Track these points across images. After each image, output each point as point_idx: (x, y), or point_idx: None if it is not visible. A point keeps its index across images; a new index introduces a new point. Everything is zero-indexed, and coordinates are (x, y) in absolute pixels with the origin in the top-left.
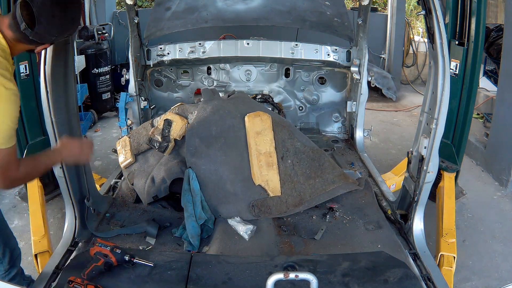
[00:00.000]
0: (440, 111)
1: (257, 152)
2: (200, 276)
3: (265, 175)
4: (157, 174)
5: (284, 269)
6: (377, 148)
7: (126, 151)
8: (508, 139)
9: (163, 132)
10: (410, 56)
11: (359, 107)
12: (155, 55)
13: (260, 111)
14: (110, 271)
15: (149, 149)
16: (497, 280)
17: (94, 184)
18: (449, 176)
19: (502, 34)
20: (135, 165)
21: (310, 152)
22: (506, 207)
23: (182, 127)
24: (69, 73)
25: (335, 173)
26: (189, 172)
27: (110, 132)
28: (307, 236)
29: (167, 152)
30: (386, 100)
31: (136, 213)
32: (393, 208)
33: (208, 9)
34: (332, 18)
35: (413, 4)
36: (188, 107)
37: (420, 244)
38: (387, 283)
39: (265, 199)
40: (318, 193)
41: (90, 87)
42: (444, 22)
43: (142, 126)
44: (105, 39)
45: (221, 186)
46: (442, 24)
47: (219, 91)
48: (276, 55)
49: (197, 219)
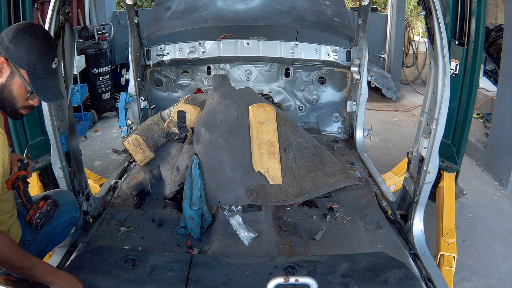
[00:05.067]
0: (440, 111)
1: (258, 141)
2: (200, 277)
3: (265, 163)
4: (181, 163)
5: (284, 270)
6: (377, 148)
7: (142, 149)
8: (508, 139)
9: (179, 124)
10: (410, 56)
11: (359, 107)
12: (155, 55)
13: (264, 103)
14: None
15: (166, 142)
16: (497, 280)
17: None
18: (449, 176)
19: (502, 34)
20: (156, 159)
21: (312, 148)
22: (506, 207)
23: (196, 115)
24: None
25: (336, 167)
26: (193, 158)
27: (110, 132)
28: (307, 236)
29: (187, 141)
30: (386, 100)
31: (136, 213)
32: (393, 208)
33: (208, 9)
34: (332, 18)
35: (413, 4)
36: (197, 95)
37: (420, 244)
38: (387, 284)
39: (264, 185)
40: (319, 185)
41: (90, 87)
42: (444, 22)
43: (150, 122)
44: (105, 39)
45: (221, 171)
46: (442, 25)
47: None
48: (276, 55)
49: (191, 204)
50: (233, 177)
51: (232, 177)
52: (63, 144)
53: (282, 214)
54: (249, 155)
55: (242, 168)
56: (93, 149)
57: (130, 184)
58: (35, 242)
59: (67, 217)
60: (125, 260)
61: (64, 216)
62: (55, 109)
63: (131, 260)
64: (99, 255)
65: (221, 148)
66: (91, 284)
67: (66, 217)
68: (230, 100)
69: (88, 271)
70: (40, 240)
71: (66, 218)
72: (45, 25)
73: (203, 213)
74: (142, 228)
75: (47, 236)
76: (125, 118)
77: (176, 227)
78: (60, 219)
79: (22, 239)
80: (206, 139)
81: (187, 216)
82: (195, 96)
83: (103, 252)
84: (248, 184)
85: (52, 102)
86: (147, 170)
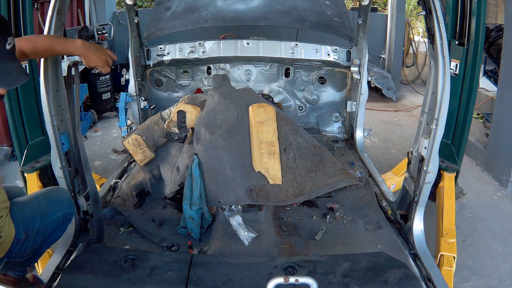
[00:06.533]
0: (440, 111)
1: (258, 141)
2: (200, 277)
3: (265, 163)
4: (181, 163)
5: (284, 270)
6: (377, 148)
7: (142, 149)
8: (508, 139)
9: (179, 124)
10: (410, 56)
11: (359, 107)
12: (155, 55)
13: (264, 103)
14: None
15: (166, 142)
16: (497, 280)
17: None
18: (449, 176)
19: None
20: (156, 159)
21: (312, 148)
22: (506, 207)
23: (196, 115)
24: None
25: (336, 167)
26: (193, 158)
27: (110, 132)
28: (307, 236)
29: (187, 141)
30: (386, 100)
31: (136, 213)
32: (393, 208)
33: (208, 9)
34: (332, 18)
35: (413, 4)
36: (197, 95)
37: (420, 245)
38: (387, 284)
39: (264, 185)
40: (319, 185)
41: (90, 87)
42: (444, 22)
43: (150, 122)
44: (105, 39)
45: (221, 171)
46: (442, 25)
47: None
48: (276, 55)
49: (191, 204)
50: (233, 177)
51: (232, 177)
52: (63, 144)
53: (282, 214)
54: (249, 155)
55: (242, 168)
56: (93, 149)
57: (130, 184)
58: (29, 240)
59: (61, 214)
60: (125, 260)
61: (57, 212)
62: (55, 109)
63: (131, 260)
64: (99, 255)
65: (221, 148)
66: (91, 284)
67: (60, 213)
68: (230, 100)
69: (88, 271)
70: (33, 238)
71: (60, 214)
72: (45, 25)
73: (203, 213)
74: (142, 228)
75: (41, 233)
76: (125, 118)
77: (176, 227)
78: (53, 216)
79: (16, 238)
80: (206, 139)
81: (187, 216)
82: (195, 96)
83: (103, 252)
84: (248, 184)
85: (16, 86)
86: (147, 170)
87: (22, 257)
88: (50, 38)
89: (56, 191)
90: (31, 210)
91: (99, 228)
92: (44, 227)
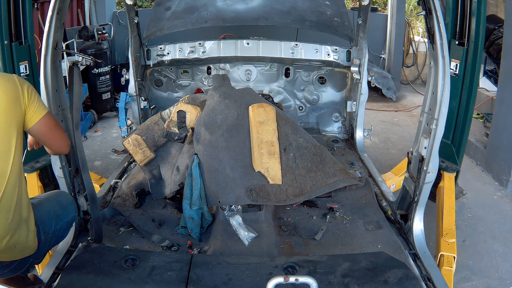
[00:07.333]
0: (440, 111)
1: (258, 141)
2: (200, 277)
3: (265, 163)
4: (181, 163)
5: (284, 270)
6: (377, 148)
7: (142, 149)
8: (508, 139)
9: (179, 124)
10: (410, 56)
11: (359, 107)
12: (155, 55)
13: (264, 103)
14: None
15: (166, 142)
16: (497, 280)
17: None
18: (449, 176)
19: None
20: (156, 159)
21: (312, 148)
22: (506, 207)
23: (196, 115)
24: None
25: (336, 167)
26: (193, 158)
27: (110, 132)
28: (307, 236)
29: (187, 141)
30: (386, 100)
31: (136, 213)
32: (393, 208)
33: (208, 9)
34: (332, 18)
35: (413, 4)
36: (197, 95)
37: (420, 244)
38: (387, 284)
39: (264, 185)
40: (319, 185)
41: (90, 87)
42: (444, 22)
43: (150, 122)
44: (105, 39)
45: (221, 171)
46: (442, 25)
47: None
48: (276, 55)
49: (191, 204)
50: (233, 177)
51: (232, 177)
52: None
53: (282, 214)
54: (249, 155)
55: (242, 168)
56: (93, 149)
57: (130, 184)
58: (47, 241)
59: (70, 217)
60: (125, 260)
61: (67, 216)
62: (55, 109)
63: (131, 260)
64: (99, 255)
65: (221, 148)
66: (91, 284)
67: (70, 216)
68: (230, 100)
69: (88, 271)
70: (50, 239)
71: (70, 218)
72: (45, 25)
73: (203, 213)
74: (142, 228)
75: (55, 235)
76: (125, 118)
77: (176, 227)
78: (65, 219)
79: (38, 239)
80: (206, 139)
81: (187, 216)
82: (195, 96)
83: (103, 252)
84: (248, 184)
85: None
86: (147, 170)
87: (39, 258)
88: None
89: (63, 195)
90: (47, 213)
91: (97, 228)
92: (58, 230)
